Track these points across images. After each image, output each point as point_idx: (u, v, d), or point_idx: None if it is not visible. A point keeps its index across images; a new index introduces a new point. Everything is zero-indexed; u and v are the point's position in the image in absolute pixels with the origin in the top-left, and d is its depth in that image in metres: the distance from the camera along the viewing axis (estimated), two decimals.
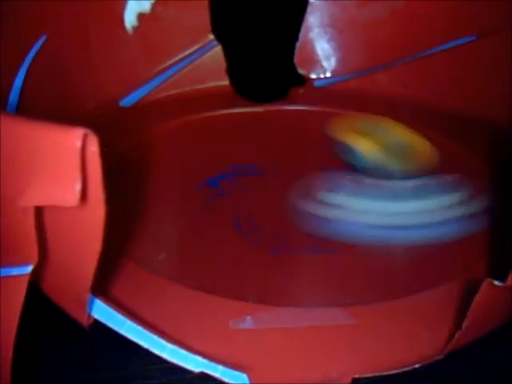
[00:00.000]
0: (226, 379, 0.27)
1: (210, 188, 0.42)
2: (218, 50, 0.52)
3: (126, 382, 0.29)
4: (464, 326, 0.26)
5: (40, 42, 0.46)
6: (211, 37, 0.52)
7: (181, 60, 0.52)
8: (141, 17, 0.50)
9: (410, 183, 0.39)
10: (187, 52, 0.52)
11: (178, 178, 0.43)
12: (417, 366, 0.28)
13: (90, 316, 0.28)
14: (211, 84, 0.53)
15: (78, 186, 0.21)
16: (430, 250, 0.37)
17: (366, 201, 0.38)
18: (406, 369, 0.28)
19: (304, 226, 0.38)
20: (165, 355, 0.27)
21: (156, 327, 0.29)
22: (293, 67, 0.53)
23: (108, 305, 0.28)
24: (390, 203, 0.38)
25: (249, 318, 0.31)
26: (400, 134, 0.45)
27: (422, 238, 0.37)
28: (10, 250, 0.25)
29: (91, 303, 0.28)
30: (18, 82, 0.43)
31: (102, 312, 0.28)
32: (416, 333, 0.30)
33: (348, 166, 0.43)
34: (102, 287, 0.29)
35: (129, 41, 0.51)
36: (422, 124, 0.49)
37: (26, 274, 0.24)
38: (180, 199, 0.42)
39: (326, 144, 0.46)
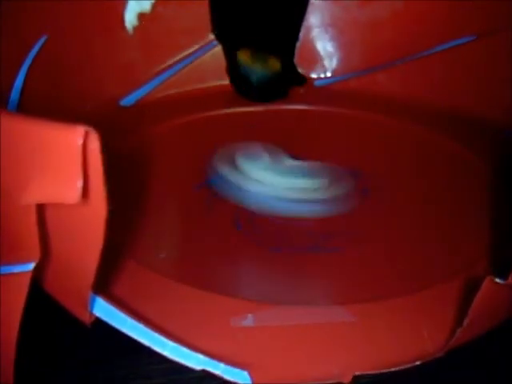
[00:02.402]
0: (227, 377, 0.27)
1: (210, 187, 0.42)
2: (218, 49, 0.52)
3: (126, 382, 0.29)
4: (465, 323, 0.26)
5: (40, 42, 0.46)
6: (211, 37, 0.52)
7: (181, 60, 0.52)
8: (141, 17, 0.51)
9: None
10: (187, 52, 0.52)
11: (178, 177, 0.43)
12: (417, 363, 0.28)
13: (91, 314, 0.28)
14: (212, 83, 0.53)
15: (79, 184, 0.21)
16: (432, 248, 0.37)
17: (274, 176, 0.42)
18: (406, 366, 0.28)
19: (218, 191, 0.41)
20: (166, 353, 0.27)
21: (157, 325, 0.29)
22: (293, 67, 0.53)
23: (109, 303, 0.28)
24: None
25: (250, 315, 0.31)
26: None
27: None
28: (12, 247, 0.25)
29: (93, 301, 0.28)
30: (19, 81, 0.43)
31: (104, 310, 0.28)
32: (417, 330, 0.30)
33: None
34: (103, 285, 0.29)
35: (129, 41, 0.51)
36: (422, 124, 0.49)
37: (28, 272, 0.24)
38: (180, 198, 0.42)
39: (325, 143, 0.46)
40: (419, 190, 0.43)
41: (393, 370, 0.28)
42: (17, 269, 0.24)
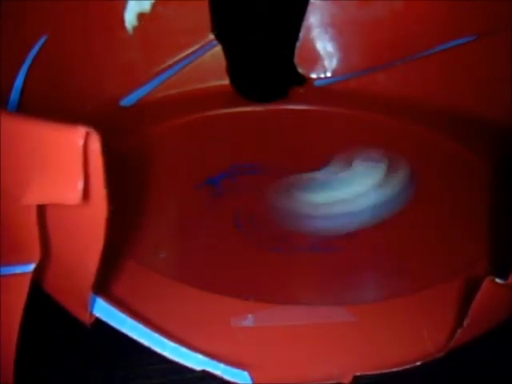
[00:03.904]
0: (227, 377, 0.27)
1: (210, 187, 0.42)
2: (218, 49, 0.52)
3: (126, 382, 0.29)
4: (465, 323, 0.26)
5: (40, 42, 0.46)
6: (211, 36, 0.52)
7: (181, 60, 0.52)
8: (141, 17, 0.50)
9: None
10: (187, 52, 0.52)
11: (178, 177, 0.43)
12: (418, 363, 0.28)
13: (91, 314, 0.28)
14: (212, 83, 0.53)
15: (80, 184, 0.21)
16: (432, 248, 0.37)
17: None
18: (406, 366, 0.28)
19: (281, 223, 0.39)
20: (166, 353, 0.27)
21: (157, 326, 0.29)
22: (293, 67, 0.53)
23: (109, 303, 0.28)
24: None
25: (250, 316, 0.31)
26: None
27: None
28: (13, 248, 0.25)
29: (93, 302, 0.28)
30: (19, 81, 0.43)
31: (104, 310, 0.28)
32: (417, 330, 0.30)
33: None
34: (103, 286, 0.29)
35: (129, 41, 0.51)
36: (422, 124, 0.49)
37: (28, 272, 0.24)
38: (180, 198, 0.42)
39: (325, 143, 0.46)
40: (419, 189, 0.43)
41: (393, 370, 0.28)
42: (17, 269, 0.24)
